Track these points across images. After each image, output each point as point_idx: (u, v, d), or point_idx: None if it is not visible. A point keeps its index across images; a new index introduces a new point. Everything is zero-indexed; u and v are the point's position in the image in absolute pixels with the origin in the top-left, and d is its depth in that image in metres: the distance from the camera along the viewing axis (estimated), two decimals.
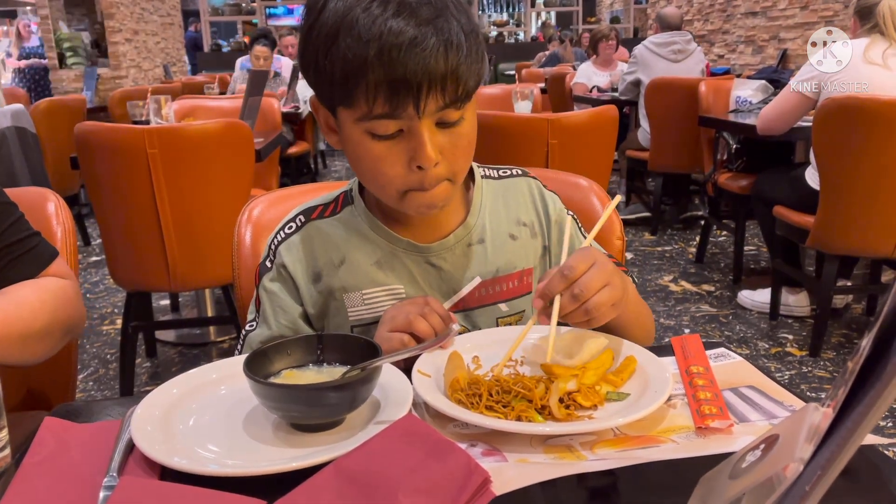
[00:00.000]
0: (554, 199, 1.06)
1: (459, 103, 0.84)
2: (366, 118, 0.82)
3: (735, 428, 0.72)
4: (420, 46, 0.78)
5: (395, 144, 0.84)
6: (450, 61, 0.79)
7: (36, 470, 0.67)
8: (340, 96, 0.83)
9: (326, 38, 0.80)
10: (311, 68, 0.84)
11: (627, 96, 4.80)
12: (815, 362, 2.76)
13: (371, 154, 0.85)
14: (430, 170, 0.85)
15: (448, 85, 0.80)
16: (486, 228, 1.00)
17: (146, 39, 9.88)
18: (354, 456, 0.63)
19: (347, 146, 0.89)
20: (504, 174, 1.06)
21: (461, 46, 0.80)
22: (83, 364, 2.96)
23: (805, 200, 2.77)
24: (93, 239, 4.82)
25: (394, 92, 0.79)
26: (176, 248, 2.42)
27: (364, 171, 0.89)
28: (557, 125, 2.65)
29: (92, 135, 2.35)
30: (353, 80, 0.79)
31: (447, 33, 0.79)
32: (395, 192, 0.88)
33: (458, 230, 0.98)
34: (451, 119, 0.85)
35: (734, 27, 7.62)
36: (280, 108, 4.05)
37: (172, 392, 0.79)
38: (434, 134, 0.84)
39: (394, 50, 0.77)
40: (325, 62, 0.81)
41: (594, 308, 0.80)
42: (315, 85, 0.87)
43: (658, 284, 3.69)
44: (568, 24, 13.87)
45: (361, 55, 0.78)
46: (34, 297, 0.98)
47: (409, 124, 0.82)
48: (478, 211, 1.00)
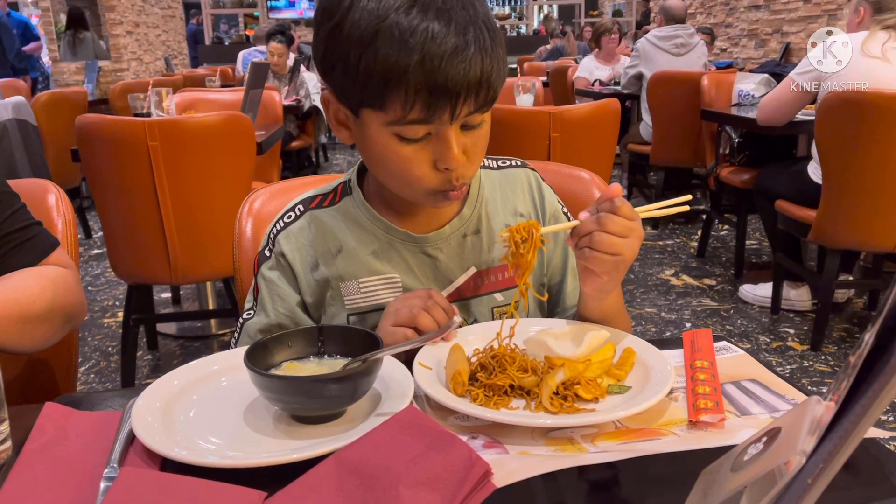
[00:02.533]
0: (550, 193, 1.07)
1: (487, 107, 0.85)
2: (397, 122, 0.82)
3: (736, 421, 0.72)
4: (461, 56, 0.78)
5: (421, 147, 0.85)
6: (485, 68, 0.80)
7: (36, 457, 0.67)
8: (372, 99, 0.82)
9: (361, 40, 0.78)
10: (339, 67, 0.82)
11: (629, 90, 4.79)
12: (816, 356, 2.76)
13: (398, 155, 0.85)
14: (456, 171, 0.86)
15: (481, 91, 0.81)
16: (483, 219, 1.00)
17: (147, 32, 9.86)
18: (355, 448, 0.63)
19: (370, 146, 0.88)
20: (504, 165, 1.07)
21: (494, 54, 0.81)
22: (84, 357, 2.97)
23: (807, 194, 2.77)
24: (94, 232, 4.83)
25: (432, 99, 0.79)
26: (177, 240, 2.41)
27: (388, 171, 0.89)
28: (559, 118, 2.64)
29: (93, 127, 2.34)
30: (390, 85, 0.78)
31: (482, 40, 0.80)
32: (423, 191, 0.89)
33: (454, 221, 0.99)
34: (475, 122, 0.86)
35: (737, 21, 7.59)
36: (281, 101, 4.04)
37: (173, 384, 0.79)
38: (459, 136, 0.85)
39: (436, 58, 0.77)
40: (357, 64, 0.79)
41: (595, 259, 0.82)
42: (340, 84, 0.85)
43: (659, 279, 3.68)
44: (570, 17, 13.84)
45: (403, 62, 0.77)
46: (34, 282, 0.98)
47: (437, 128, 0.83)
48: (474, 202, 1.00)
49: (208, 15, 12.78)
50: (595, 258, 0.83)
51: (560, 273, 1.06)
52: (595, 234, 0.82)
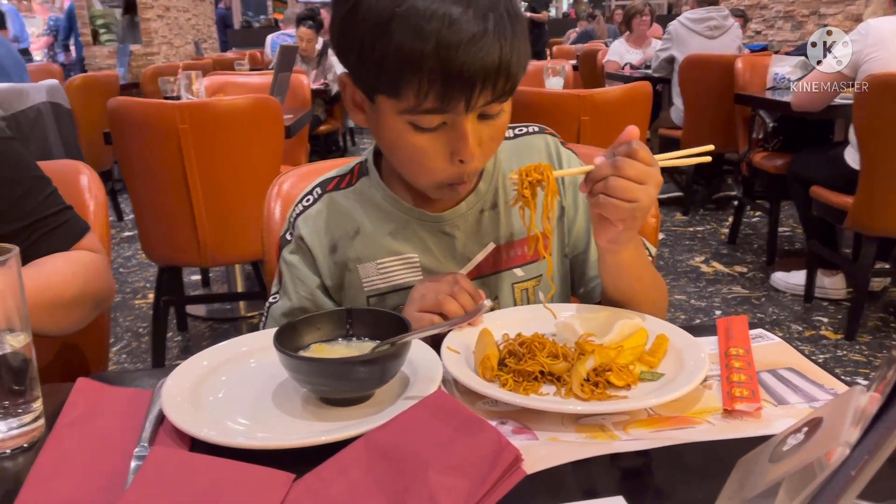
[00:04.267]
0: (570, 157, 1.03)
1: (506, 97, 0.82)
2: (412, 111, 0.80)
3: (773, 410, 0.70)
4: (478, 44, 0.75)
5: (436, 137, 0.83)
6: (503, 57, 0.77)
7: (67, 433, 0.68)
8: (386, 86, 0.80)
9: (377, 25, 0.77)
10: (355, 52, 0.81)
11: (660, 73, 4.71)
12: (850, 346, 2.71)
13: (411, 145, 0.84)
14: (471, 163, 0.84)
15: (499, 80, 0.79)
16: (500, 192, 0.98)
17: (177, 16, 9.92)
18: (384, 431, 0.63)
19: (384, 133, 0.86)
20: (520, 132, 1.04)
21: (515, 41, 0.78)
22: (116, 337, 3.01)
23: (844, 180, 2.70)
24: (125, 214, 4.89)
25: (447, 88, 0.77)
26: (206, 223, 2.43)
27: (402, 159, 0.88)
28: (590, 101, 2.61)
29: (124, 110, 2.36)
30: (405, 72, 0.77)
31: (502, 27, 0.77)
32: (432, 182, 0.88)
33: (470, 197, 0.97)
34: (493, 112, 0.84)
35: (773, 2, 7.42)
36: (309, 85, 4.04)
37: (203, 364, 0.79)
38: (476, 126, 0.83)
39: (452, 47, 0.75)
40: (372, 50, 0.78)
41: (610, 205, 0.79)
42: (355, 69, 0.84)
43: (689, 265, 3.64)
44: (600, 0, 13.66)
45: (418, 49, 0.75)
46: (66, 268, 0.99)
47: (453, 118, 0.81)
48: (490, 176, 0.98)
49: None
50: (610, 204, 0.79)
51: (584, 241, 1.03)
52: (610, 178, 0.78)
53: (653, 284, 0.96)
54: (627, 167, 0.78)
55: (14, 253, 0.68)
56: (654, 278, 0.97)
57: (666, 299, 1.01)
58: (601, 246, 0.87)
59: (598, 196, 0.80)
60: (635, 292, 0.92)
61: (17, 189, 1.00)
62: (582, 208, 1.02)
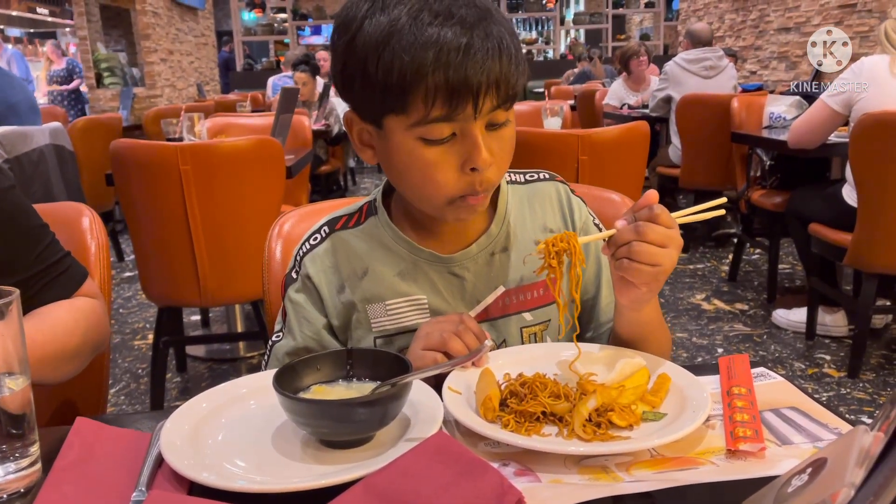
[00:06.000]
0: (580, 205, 1.05)
1: (509, 104, 0.84)
2: (421, 123, 0.82)
3: (777, 450, 0.69)
4: (476, 48, 0.79)
5: (447, 149, 0.84)
6: (503, 62, 0.80)
7: (65, 476, 0.67)
8: (393, 103, 0.82)
9: (376, 46, 0.80)
10: (357, 79, 0.83)
11: (658, 113, 4.77)
12: (853, 384, 2.69)
13: (423, 160, 0.84)
14: (483, 171, 0.85)
15: (501, 85, 0.81)
16: (511, 236, 0.99)
17: (180, 59, 10.08)
18: (385, 474, 0.62)
19: (394, 157, 0.87)
20: (531, 178, 1.05)
21: (510, 49, 0.81)
22: (115, 378, 2.99)
23: (842, 217, 2.72)
24: (126, 255, 4.90)
25: (453, 94, 0.79)
26: (207, 263, 2.44)
27: (412, 180, 0.88)
28: (588, 141, 2.63)
29: (127, 151, 2.38)
30: (410, 84, 0.79)
31: (496, 37, 0.80)
32: (444, 199, 0.87)
33: (481, 239, 0.97)
34: (499, 120, 0.85)
35: (767, 43, 7.54)
36: (310, 126, 4.08)
37: (202, 406, 0.79)
38: (485, 136, 0.84)
39: (452, 52, 0.78)
40: (375, 70, 0.80)
41: (634, 270, 0.80)
42: (359, 96, 0.86)
43: (690, 303, 3.63)
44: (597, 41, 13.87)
45: (419, 58, 0.78)
46: (68, 317, 0.99)
47: (462, 126, 0.82)
48: (502, 219, 0.99)
49: (240, 42, 13.03)
50: (634, 269, 0.80)
51: (594, 287, 1.03)
52: (634, 244, 0.80)
53: (662, 333, 0.97)
54: (650, 232, 0.79)
55: (14, 296, 0.68)
56: (663, 327, 0.98)
57: (670, 344, 1.01)
58: (623, 304, 0.89)
59: (621, 260, 0.81)
60: (648, 343, 0.93)
61: (19, 242, 1.00)
62: (591, 256, 1.03)
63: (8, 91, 3.49)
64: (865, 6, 5.80)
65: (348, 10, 0.84)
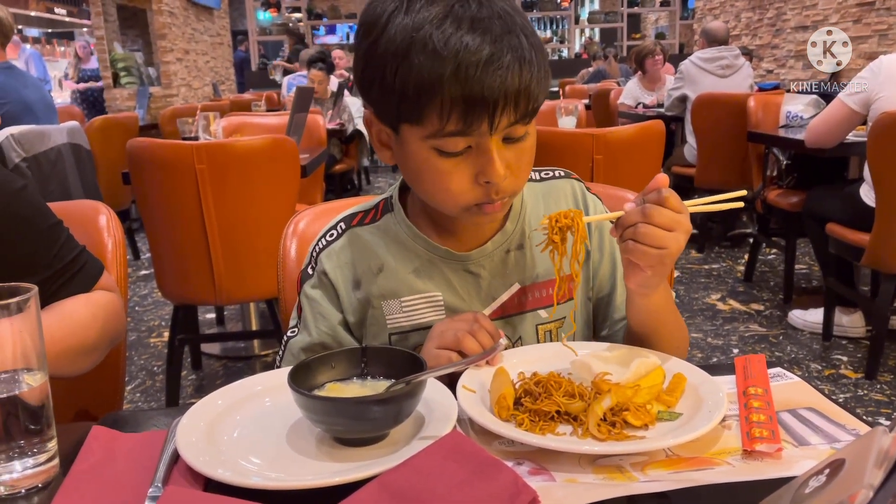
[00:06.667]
0: (596, 203, 1.05)
1: (528, 118, 0.84)
2: (436, 135, 0.81)
3: (794, 451, 0.69)
4: (496, 64, 0.77)
5: (462, 161, 0.84)
6: (523, 77, 0.79)
7: (83, 478, 0.68)
8: (409, 113, 0.81)
9: (395, 54, 0.79)
10: (376, 84, 0.83)
11: (673, 112, 4.74)
12: (871, 385, 2.66)
13: (437, 171, 0.84)
14: (498, 184, 0.84)
15: (521, 101, 0.80)
16: (526, 234, 0.99)
17: (196, 59, 10.13)
18: (399, 472, 0.62)
19: (409, 163, 0.87)
20: (546, 176, 1.05)
21: (533, 62, 0.80)
22: (131, 375, 3.02)
23: (860, 217, 2.69)
24: (142, 253, 4.94)
25: (469, 109, 0.78)
26: (222, 262, 2.45)
27: (427, 187, 0.88)
28: (602, 140, 2.62)
29: (143, 150, 2.40)
30: (426, 96, 0.78)
31: (520, 50, 0.79)
32: (458, 207, 0.88)
33: (497, 237, 0.97)
34: (517, 135, 0.85)
35: (784, 42, 7.48)
36: (325, 125, 4.09)
37: (217, 403, 0.79)
38: (501, 150, 0.83)
39: (471, 67, 0.76)
40: (393, 78, 0.80)
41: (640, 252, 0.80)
42: (377, 101, 0.86)
43: (705, 303, 3.61)
44: (612, 40, 13.81)
45: (437, 72, 0.77)
46: (86, 311, 1.00)
47: (478, 141, 0.82)
48: (517, 217, 0.99)
49: (255, 42, 13.08)
50: (639, 251, 0.80)
51: (609, 284, 1.03)
52: (640, 225, 0.80)
53: (676, 327, 0.96)
54: (657, 214, 0.79)
55: (33, 293, 0.69)
56: (678, 322, 0.97)
57: (687, 342, 1.01)
58: (631, 289, 0.88)
59: (627, 242, 0.81)
60: (661, 336, 0.92)
61: (39, 242, 1.01)
62: (607, 252, 1.02)
63: (23, 91, 3.53)
64: (884, 4, 5.73)
65: (374, 8, 0.84)
